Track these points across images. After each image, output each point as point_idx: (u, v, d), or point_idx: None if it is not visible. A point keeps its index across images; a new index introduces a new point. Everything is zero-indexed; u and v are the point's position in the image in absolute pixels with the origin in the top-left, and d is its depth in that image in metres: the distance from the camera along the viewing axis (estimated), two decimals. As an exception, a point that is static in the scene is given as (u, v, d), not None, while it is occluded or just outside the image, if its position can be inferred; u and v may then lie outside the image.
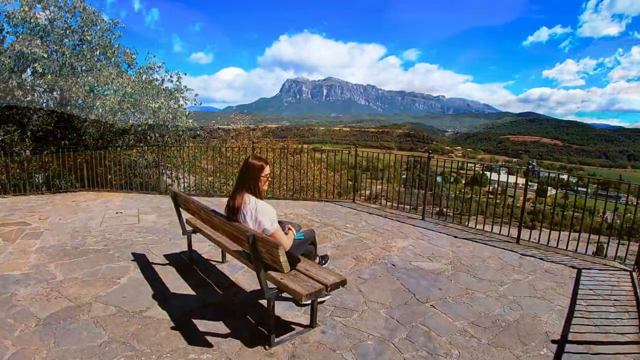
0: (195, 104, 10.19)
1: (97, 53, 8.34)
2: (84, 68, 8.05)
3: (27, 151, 8.18)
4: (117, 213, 5.82)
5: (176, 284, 3.32)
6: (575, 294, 3.35)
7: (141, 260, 3.83)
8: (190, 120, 9.93)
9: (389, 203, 7.18)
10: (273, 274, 2.40)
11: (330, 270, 2.65)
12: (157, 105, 8.87)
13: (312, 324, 2.62)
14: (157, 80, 9.73)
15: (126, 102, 8.70)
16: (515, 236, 4.99)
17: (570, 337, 2.66)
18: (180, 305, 2.93)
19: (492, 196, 6.29)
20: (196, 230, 3.52)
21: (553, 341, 2.59)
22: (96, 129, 9.31)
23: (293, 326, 2.65)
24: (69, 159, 7.62)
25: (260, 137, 14.12)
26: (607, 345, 2.56)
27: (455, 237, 5.07)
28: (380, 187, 9.36)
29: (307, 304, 2.85)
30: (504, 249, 4.62)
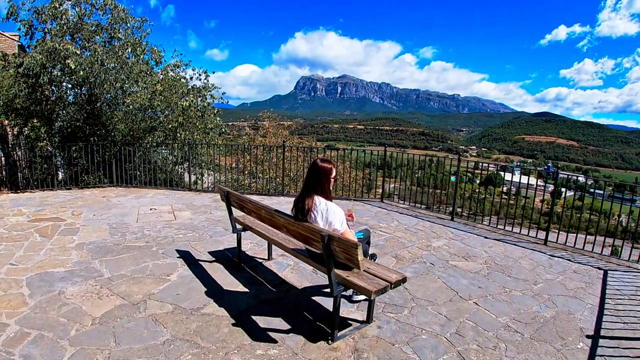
0: (222, 102, 10.74)
1: (129, 50, 8.71)
2: (114, 65, 8.40)
3: (52, 146, 8.61)
4: (151, 209, 6.19)
5: (227, 280, 3.59)
6: (603, 293, 3.67)
7: (187, 257, 4.14)
8: (218, 119, 10.40)
9: (417, 204, 7.48)
10: (339, 272, 2.65)
11: (390, 268, 2.93)
12: (187, 104, 9.29)
13: (369, 320, 2.90)
14: (184, 78, 10.19)
15: (156, 99, 9.12)
16: (542, 237, 5.36)
17: (602, 332, 2.97)
18: (236, 302, 3.16)
19: (511, 197, 6.58)
20: (246, 228, 3.83)
21: (587, 336, 2.90)
22: (125, 126, 9.73)
23: (350, 322, 2.93)
24: (98, 155, 8.04)
25: (288, 135, 14.48)
26: (636, 341, 2.86)
27: (486, 237, 5.41)
28: (393, 185, 9.72)
29: (358, 301, 3.20)
30: (533, 249, 4.96)
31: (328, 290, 3.38)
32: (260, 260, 4.13)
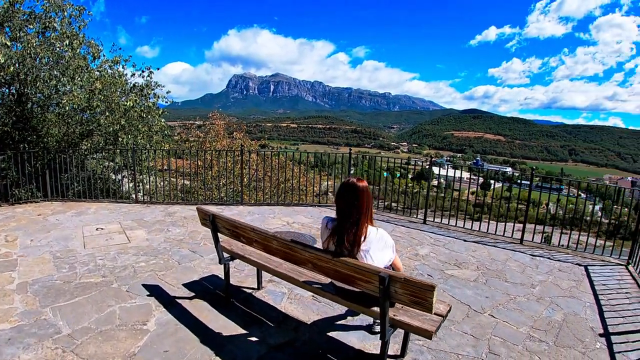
0: (167, 102, 10.15)
1: (67, 42, 7.79)
2: (49, 60, 7.46)
3: None
4: (97, 229, 5.52)
5: (220, 323, 3.16)
6: (594, 289, 4.07)
7: (159, 295, 3.62)
8: (163, 120, 9.81)
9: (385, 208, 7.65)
10: (377, 309, 2.37)
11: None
12: (130, 104, 8.63)
13: (403, 354, 2.77)
14: (126, 75, 9.65)
15: (95, 99, 8.35)
16: (514, 236, 5.87)
17: (610, 329, 3.27)
18: (242, 353, 2.77)
19: (441, 190, 7.11)
20: (235, 257, 3.46)
21: (600, 335, 3.17)
22: (59, 130, 8.76)
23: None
24: (29, 164, 7.18)
25: (242, 138, 13.95)
26: (639, 334, 3.19)
27: (465, 240, 5.72)
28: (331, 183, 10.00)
29: (378, 332, 3.05)
30: (513, 250, 5.36)
31: (342, 321, 3.22)
32: (250, 291, 3.77)
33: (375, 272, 2.18)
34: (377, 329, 3.06)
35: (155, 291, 3.69)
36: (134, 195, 7.67)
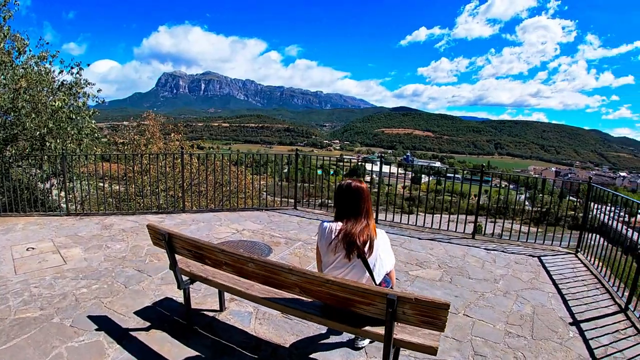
0: (98, 102, 9.36)
1: None
2: None
3: None
4: (28, 249, 4.78)
5: (185, 356, 2.76)
6: (552, 279, 4.36)
7: (110, 328, 3.08)
8: (94, 122, 9.00)
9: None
10: (371, 329, 2.23)
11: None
12: (58, 104, 7.87)
13: None
14: (53, 72, 8.82)
15: (20, 99, 7.52)
16: (465, 231, 6.18)
17: (578, 317, 3.49)
18: None
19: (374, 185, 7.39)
20: (195, 279, 3.04)
21: (570, 324, 3.36)
22: None
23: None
24: None
25: (181, 139, 13.02)
26: (604, 318, 3.45)
27: (420, 239, 5.82)
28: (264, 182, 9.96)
29: (363, 347, 2.91)
30: (468, 245, 5.57)
31: (322, 340, 3.01)
32: (212, 314, 3.36)
33: (382, 294, 1.98)
34: (361, 344, 2.91)
35: (104, 324, 3.15)
36: (64, 205, 6.91)
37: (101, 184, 7.79)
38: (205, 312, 3.40)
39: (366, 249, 2.39)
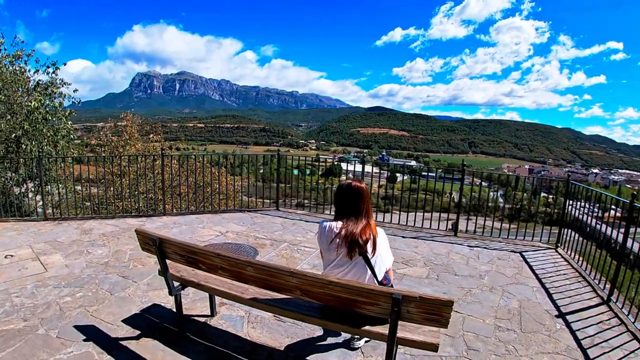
0: (74, 102, 9.11)
1: None
2: None
3: None
4: (6, 257, 4.58)
5: None
6: (535, 274, 4.52)
7: (98, 338, 2.96)
8: (70, 123, 8.77)
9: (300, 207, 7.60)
10: (372, 328, 2.24)
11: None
12: (34, 104, 7.66)
13: None
14: (28, 71, 8.60)
15: None
16: (448, 228, 6.31)
17: (563, 310, 3.64)
18: None
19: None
20: (187, 284, 2.98)
21: (556, 316, 3.50)
22: None
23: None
24: None
25: (159, 140, 12.67)
26: (588, 310, 3.60)
27: (404, 237, 5.91)
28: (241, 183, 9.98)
29: (359, 347, 2.92)
30: (451, 242, 5.71)
31: (319, 342, 3.01)
32: (203, 319, 3.30)
33: (387, 294, 2.01)
34: (357, 344, 2.93)
35: (92, 333, 3.02)
36: (40, 209, 6.64)
37: (79, 187, 7.47)
38: (196, 318, 3.32)
39: (369, 247, 2.41)
